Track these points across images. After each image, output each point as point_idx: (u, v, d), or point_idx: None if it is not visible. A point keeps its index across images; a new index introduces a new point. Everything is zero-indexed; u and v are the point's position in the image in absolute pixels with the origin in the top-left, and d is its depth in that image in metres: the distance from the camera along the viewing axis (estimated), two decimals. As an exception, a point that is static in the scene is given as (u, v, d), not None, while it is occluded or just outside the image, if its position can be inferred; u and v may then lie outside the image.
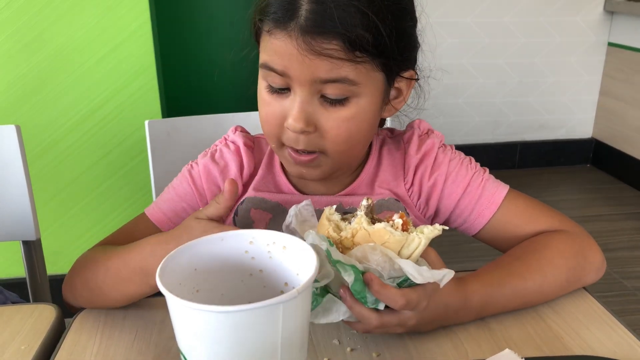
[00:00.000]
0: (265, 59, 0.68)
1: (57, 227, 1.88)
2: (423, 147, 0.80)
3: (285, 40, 0.65)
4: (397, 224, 0.57)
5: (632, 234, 2.47)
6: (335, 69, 0.65)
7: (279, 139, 0.72)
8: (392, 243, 0.56)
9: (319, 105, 0.68)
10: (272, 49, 0.67)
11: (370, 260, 0.56)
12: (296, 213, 0.63)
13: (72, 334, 0.69)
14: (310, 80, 0.66)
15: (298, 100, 0.67)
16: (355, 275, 0.56)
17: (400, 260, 0.56)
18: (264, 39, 0.68)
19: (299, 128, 0.67)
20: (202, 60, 2.82)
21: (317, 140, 0.70)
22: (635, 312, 1.96)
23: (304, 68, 0.65)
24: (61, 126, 1.77)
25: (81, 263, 0.75)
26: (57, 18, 1.65)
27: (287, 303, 0.42)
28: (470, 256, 1.86)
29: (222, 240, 0.52)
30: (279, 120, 0.70)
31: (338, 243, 0.58)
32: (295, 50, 0.64)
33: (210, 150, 0.83)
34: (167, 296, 0.43)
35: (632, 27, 2.88)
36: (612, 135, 3.09)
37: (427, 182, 0.80)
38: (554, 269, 0.72)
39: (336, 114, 0.68)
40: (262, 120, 0.73)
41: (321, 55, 0.64)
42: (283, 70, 0.67)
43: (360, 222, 0.57)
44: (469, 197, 0.78)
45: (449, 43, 2.90)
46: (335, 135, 0.69)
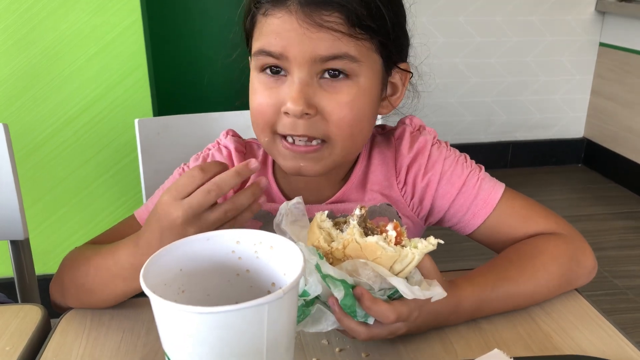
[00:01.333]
0: (262, 43, 0.66)
1: (47, 227, 1.86)
2: (415, 145, 0.78)
3: (284, 17, 0.64)
4: (391, 237, 0.56)
5: (623, 233, 2.48)
6: (336, 44, 0.64)
7: (272, 128, 0.69)
8: (384, 258, 0.55)
9: (318, 87, 0.66)
10: (269, 30, 0.65)
11: (361, 274, 0.56)
12: (287, 212, 0.62)
13: (58, 334, 0.68)
14: (310, 60, 0.64)
15: (296, 82, 0.65)
16: (345, 291, 0.55)
17: (391, 279, 0.55)
18: (260, 24, 0.67)
19: (299, 110, 0.65)
20: (194, 58, 2.80)
21: (319, 125, 0.67)
22: (626, 311, 1.97)
23: (303, 45, 0.64)
24: (51, 125, 1.75)
25: (70, 262, 0.74)
26: (47, 15, 1.64)
27: (272, 303, 0.41)
28: (463, 255, 1.86)
29: (208, 240, 0.51)
30: (273, 107, 0.67)
31: (328, 253, 0.57)
32: (295, 26, 0.63)
33: (202, 154, 0.82)
34: (150, 297, 0.42)
35: (623, 27, 2.89)
36: (604, 135, 3.10)
37: (421, 182, 0.78)
38: (547, 275, 0.72)
39: (337, 96, 0.66)
40: (255, 110, 0.70)
41: (322, 28, 0.63)
42: (281, 52, 0.65)
43: (353, 234, 0.56)
44: (464, 197, 0.77)
45: (442, 42, 2.90)
46: (339, 118, 0.67)
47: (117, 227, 0.81)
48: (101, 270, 0.68)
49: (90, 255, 0.71)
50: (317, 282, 0.55)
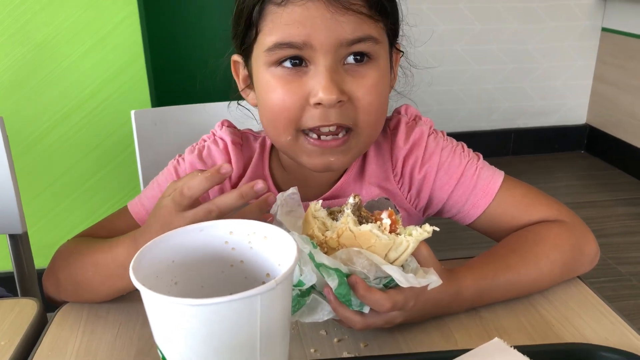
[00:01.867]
0: (280, 36, 0.63)
1: (47, 221, 1.86)
2: (411, 137, 0.76)
3: (306, 3, 0.62)
4: (385, 225, 0.55)
5: (626, 220, 2.47)
6: (359, 26, 0.63)
7: (297, 125, 0.66)
8: (378, 246, 0.54)
9: (344, 73, 0.65)
10: (290, 20, 0.62)
11: (355, 263, 0.55)
12: (282, 203, 0.61)
13: (54, 328, 0.68)
14: (336, 45, 0.63)
15: (324, 70, 0.63)
16: (340, 280, 0.54)
17: (385, 267, 0.54)
18: (274, 16, 0.63)
19: (334, 99, 0.62)
20: (191, 50, 2.79)
21: (349, 112, 0.65)
22: (630, 297, 1.96)
23: (330, 30, 0.62)
24: (48, 119, 1.74)
25: (63, 256, 0.73)
26: (41, 8, 1.62)
27: (264, 294, 0.40)
28: (464, 244, 1.85)
29: (201, 231, 0.50)
30: (299, 101, 0.64)
31: (323, 243, 0.56)
32: (322, 11, 0.61)
33: (197, 145, 0.79)
34: (140, 290, 0.41)
35: (625, 12, 2.86)
36: (606, 121, 3.08)
37: (418, 175, 0.77)
38: (550, 263, 0.71)
39: (363, 80, 0.65)
40: (276, 108, 0.66)
41: (349, 11, 0.62)
42: (305, 41, 0.62)
43: (347, 222, 0.55)
44: (463, 188, 0.76)
45: (442, 29, 2.87)
46: (368, 103, 0.65)
47: (109, 219, 0.79)
48: (99, 267, 0.67)
49: (85, 251, 0.70)
50: (311, 272, 0.54)
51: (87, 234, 0.77)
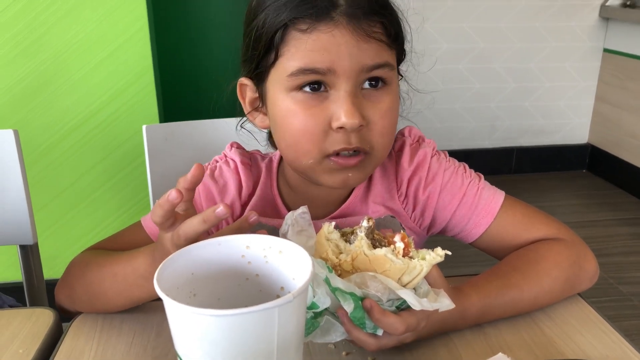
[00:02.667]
0: (304, 62, 0.64)
1: (54, 231, 1.88)
2: (415, 158, 0.79)
3: (332, 31, 0.63)
4: (399, 249, 0.57)
5: (628, 240, 2.48)
6: (380, 53, 0.66)
7: (321, 149, 0.67)
8: (392, 271, 0.56)
9: (363, 98, 0.67)
10: (314, 47, 0.64)
11: (369, 286, 0.56)
12: (292, 222, 0.62)
13: (70, 338, 0.69)
14: (358, 70, 0.65)
15: (346, 95, 0.65)
16: (355, 303, 0.56)
17: (400, 291, 0.55)
18: (297, 41, 0.65)
19: (357, 123, 0.64)
20: (200, 65, 2.83)
21: (366, 135, 0.67)
22: (631, 317, 1.97)
23: (353, 57, 0.64)
24: (59, 130, 1.77)
25: (80, 268, 0.74)
26: (56, 22, 1.66)
27: (282, 307, 0.42)
28: (465, 261, 1.86)
29: (219, 245, 0.52)
30: (321, 125, 0.66)
31: (337, 266, 0.57)
32: (347, 38, 0.63)
33: (210, 166, 0.81)
34: (164, 300, 0.43)
35: (627, 33, 2.90)
36: (608, 141, 3.10)
37: (422, 195, 0.79)
38: (551, 280, 0.73)
39: (379, 104, 0.67)
40: (299, 133, 0.67)
41: (371, 38, 0.64)
42: (329, 67, 0.64)
43: (361, 246, 0.56)
44: (465, 208, 0.78)
45: (445, 48, 2.91)
46: (382, 127, 0.68)
47: (122, 233, 0.81)
48: (118, 277, 0.68)
49: (103, 262, 0.71)
50: (325, 295, 0.55)
51: (99, 246, 0.79)
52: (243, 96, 0.76)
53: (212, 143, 1.18)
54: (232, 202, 0.78)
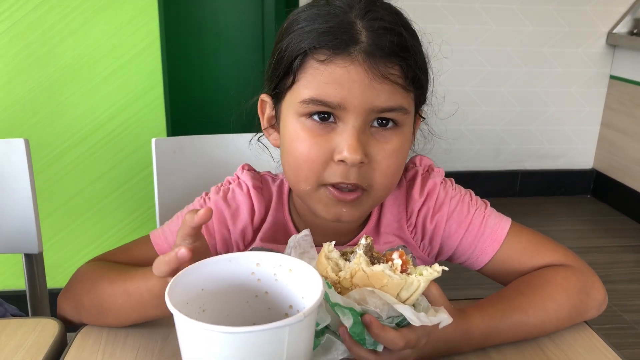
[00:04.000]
0: (317, 92, 0.65)
1: (58, 241, 1.88)
2: (426, 189, 0.79)
3: (349, 66, 0.63)
4: (396, 265, 0.57)
5: (632, 267, 2.47)
6: (393, 96, 0.65)
7: (319, 178, 0.68)
8: (390, 286, 0.56)
9: (370, 136, 0.66)
10: (329, 79, 0.64)
11: (368, 302, 0.57)
12: (295, 245, 0.63)
13: (74, 350, 0.69)
14: (367, 110, 0.65)
15: (351, 131, 0.65)
16: (354, 319, 0.56)
17: (398, 306, 0.56)
18: (314, 70, 0.65)
19: (358, 159, 0.64)
20: (208, 80, 2.85)
21: (367, 173, 0.67)
22: (634, 345, 1.95)
23: (365, 96, 0.64)
24: (67, 139, 1.78)
25: (87, 280, 0.73)
26: (69, 33, 1.68)
27: (293, 326, 0.42)
28: (470, 283, 1.86)
29: (230, 262, 0.52)
30: (323, 155, 0.66)
31: (336, 283, 0.58)
32: (362, 76, 0.63)
33: (223, 187, 0.80)
34: (175, 315, 0.43)
35: (633, 61, 2.91)
36: (613, 167, 3.10)
37: (430, 225, 0.79)
38: (557, 306, 0.72)
39: (386, 145, 0.67)
40: (301, 159, 0.68)
41: (386, 80, 0.64)
42: (340, 102, 0.64)
43: (359, 263, 0.57)
44: (472, 236, 0.78)
45: (452, 71, 2.93)
46: (386, 167, 0.67)
47: (130, 247, 0.80)
48: (132, 296, 0.67)
49: (115, 279, 0.70)
50: (325, 312, 0.56)
51: (106, 258, 0.78)
52: (262, 112, 0.77)
53: (221, 158, 1.18)
54: (245, 227, 0.78)
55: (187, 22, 2.76)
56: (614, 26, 2.97)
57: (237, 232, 0.78)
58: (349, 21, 0.65)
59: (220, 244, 0.78)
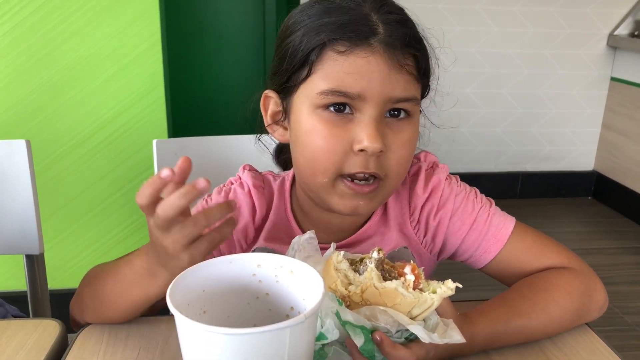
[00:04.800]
0: (336, 83, 0.66)
1: (59, 242, 1.88)
2: (430, 185, 0.79)
3: (369, 57, 0.65)
4: (409, 282, 0.57)
5: (633, 269, 2.46)
6: (408, 86, 0.67)
7: (337, 169, 0.68)
8: (403, 304, 0.56)
9: (385, 125, 0.68)
10: (349, 70, 0.65)
11: (379, 319, 0.56)
12: (299, 248, 0.62)
13: (75, 351, 0.69)
14: (385, 100, 0.66)
15: (370, 120, 0.66)
16: (365, 337, 0.56)
17: (410, 327, 0.55)
18: (333, 62, 0.66)
19: (378, 148, 0.65)
20: (209, 82, 2.85)
21: (383, 162, 0.68)
22: (636, 348, 1.95)
23: (384, 86, 0.65)
24: (68, 141, 1.79)
25: (89, 278, 0.75)
26: (71, 35, 1.69)
27: (294, 327, 0.42)
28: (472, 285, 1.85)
29: (231, 263, 0.52)
30: (342, 146, 0.67)
31: (346, 297, 0.57)
32: (382, 67, 0.65)
33: (225, 188, 0.81)
34: (176, 316, 0.43)
35: (634, 63, 2.91)
36: (614, 169, 3.10)
37: (433, 221, 0.79)
38: (560, 310, 0.72)
39: (400, 134, 0.69)
40: (319, 151, 0.68)
41: (403, 70, 0.66)
42: (359, 92, 0.65)
43: (371, 278, 0.56)
44: (476, 233, 0.78)
45: (453, 72, 2.93)
46: (400, 156, 0.69)
47: None
48: (118, 278, 0.68)
49: (106, 268, 0.72)
50: (334, 327, 0.55)
51: None
52: (266, 108, 0.77)
53: (222, 160, 1.18)
54: (246, 226, 0.79)
55: (188, 23, 2.76)
56: (614, 28, 2.97)
57: (239, 230, 0.79)
58: (365, 13, 0.67)
59: (223, 244, 0.78)
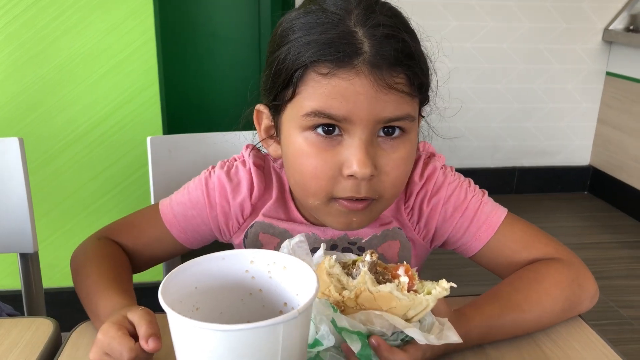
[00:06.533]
0: (320, 105, 0.63)
1: (54, 240, 1.88)
2: (426, 173, 0.80)
3: (353, 79, 0.61)
4: (403, 284, 0.56)
5: (628, 263, 2.47)
6: (400, 105, 0.64)
7: (328, 192, 0.66)
8: (398, 308, 0.55)
9: (377, 146, 0.65)
10: (332, 92, 0.62)
11: (375, 324, 0.56)
12: (289, 252, 0.61)
13: (69, 348, 0.69)
14: (374, 121, 0.63)
15: (359, 144, 0.63)
16: (362, 342, 0.56)
17: (407, 330, 0.55)
18: (316, 83, 0.63)
19: (368, 173, 0.63)
20: (204, 78, 2.85)
21: (377, 184, 0.66)
22: (631, 341, 1.95)
23: (371, 108, 0.62)
24: (63, 139, 1.78)
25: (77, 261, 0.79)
26: (64, 32, 1.68)
27: (287, 323, 0.42)
28: (465, 280, 1.86)
29: (224, 259, 0.52)
30: (331, 171, 0.65)
31: (340, 302, 0.57)
32: (367, 88, 0.61)
33: (228, 163, 0.82)
34: (168, 313, 0.43)
35: (630, 57, 2.92)
36: (610, 164, 3.11)
37: (427, 208, 0.80)
38: (551, 300, 0.73)
39: (394, 154, 0.66)
40: (309, 175, 0.66)
41: (392, 90, 0.62)
42: (345, 115, 0.62)
43: (364, 282, 0.56)
44: (467, 221, 0.79)
45: (449, 68, 2.92)
46: (395, 177, 0.67)
47: (139, 220, 0.84)
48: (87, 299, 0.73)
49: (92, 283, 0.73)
50: (329, 333, 0.55)
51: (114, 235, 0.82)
52: (259, 122, 0.76)
53: (216, 156, 1.17)
54: (243, 201, 0.80)
55: (182, 20, 2.75)
56: (610, 22, 2.97)
57: (236, 205, 0.80)
58: (349, 30, 0.62)
59: (221, 216, 0.80)
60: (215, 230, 0.82)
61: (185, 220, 0.80)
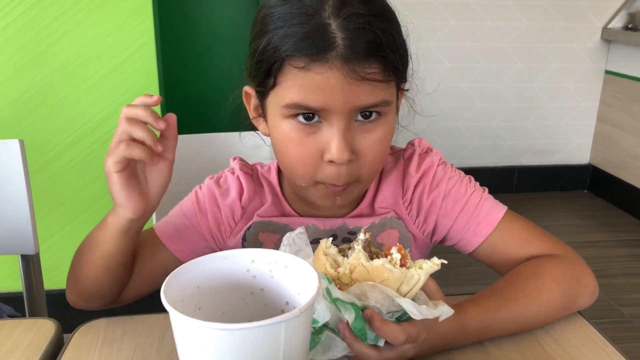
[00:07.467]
0: (299, 98, 0.65)
1: (55, 242, 1.88)
2: (422, 166, 0.81)
3: (327, 73, 0.63)
4: (396, 260, 0.57)
5: (628, 261, 2.47)
6: (374, 93, 0.66)
7: (312, 176, 0.70)
8: (391, 280, 0.56)
9: (355, 130, 0.68)
10: (309, 86, 0.64)
11: (369, 297, 0.56)
12: (290, 242, 0.63)
13: (71, 349, 0.69)
14: (350, 109, 0.66)
15: (337, 131, 0.66)
16: (356, 313, 0.56)
17: (399, 299, 0.56)
18: (293, 76, 0.65)
19: (346, 158, 0.66)
20: (203, 79, 2.85)
21: (355, 168, 0.69)
22: (631, 339, 1.96)
23: (346, 98, 0.64)
24: (63, 140, 1.78)
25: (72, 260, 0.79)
26: (64, 34, 1.68)
27: (289, 322, 0.42)
28: (466, 279, 1.86)
29: (225, 259, 0.52)
30: (315, 157, 0.68)
31: (336, 279, 0.58)
32: (340, 81, 0.63)
33: (216, 175, 0.85)
34: (171, 313, 0.43)
35: (629, 56, 2.92)
36: (609, 162, 3.11)
37: (426, 201, 0.80)
38: (550, 294, 0.73)
39: (371, 136, 0.69)
40: (294, 161, 0.70)
41: (365, 81, 0.64)
42: (322, 106, 0.65)
43: (359, 258, 0.57)
44: (467, 216, 0.79)
45: (448, 67, 2.93)
46: (373, 157, 0.69)
47: None
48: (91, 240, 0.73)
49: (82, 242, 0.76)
50: (325, 309, 0.55)
51: None
52: (248, 102, 0.78)
53: (216, 156, 1.18)
54: (232, 203, 0.81)
55: (181, 21, 2.75)
56: (608, 21, 2.97)
57: (226, 207, 0.81)
58: (323, 23, 0.64)
59: (212, 221, 0.81)
60: (208, 237, 0.81)
61: (178, 231, 0.81)
